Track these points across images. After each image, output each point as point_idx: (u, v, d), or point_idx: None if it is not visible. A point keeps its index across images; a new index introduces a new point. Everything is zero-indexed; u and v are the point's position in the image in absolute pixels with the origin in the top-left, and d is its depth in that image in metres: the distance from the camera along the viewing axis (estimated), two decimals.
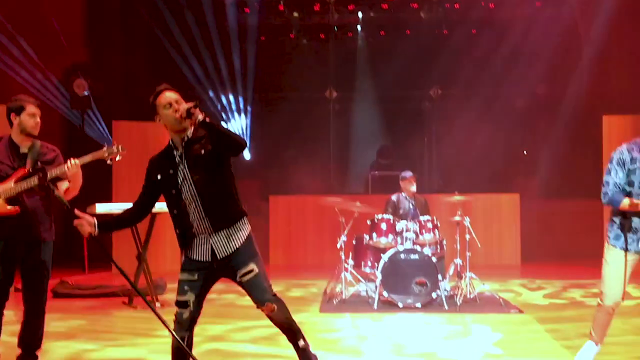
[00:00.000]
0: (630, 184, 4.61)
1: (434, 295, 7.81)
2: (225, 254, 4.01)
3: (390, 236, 8.06)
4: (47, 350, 5.68)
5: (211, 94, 14.56)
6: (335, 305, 7.93)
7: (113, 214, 4.26)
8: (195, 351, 4.23)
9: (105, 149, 4.97)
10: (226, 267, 4.05)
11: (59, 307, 8.11)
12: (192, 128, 4.05)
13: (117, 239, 11.55)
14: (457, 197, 8.30)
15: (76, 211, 4.03)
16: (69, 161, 4.83)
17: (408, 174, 8.75)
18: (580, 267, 11.13)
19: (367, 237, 8.22)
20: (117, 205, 8.42)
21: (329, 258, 9.11)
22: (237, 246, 4.03)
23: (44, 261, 4.94)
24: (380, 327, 6.92)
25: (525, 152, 14.98)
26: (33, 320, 4.96)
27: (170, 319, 7.29)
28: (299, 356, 4.19)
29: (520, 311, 7.56)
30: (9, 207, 4.75)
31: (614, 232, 4.71)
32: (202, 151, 4.01)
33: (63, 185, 4.98)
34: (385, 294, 7.86)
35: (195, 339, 4.23)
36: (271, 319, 4.15)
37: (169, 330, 4.00)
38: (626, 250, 4.61)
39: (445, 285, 8.16)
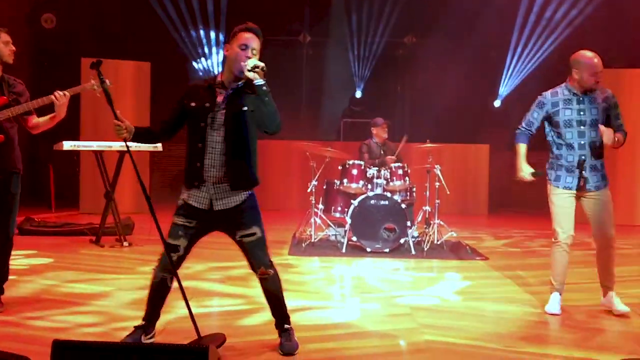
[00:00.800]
0: (556, 124, 5.01)
1: (402, 241, 7.88)
2: (223, 207, 3.89)
3: (361, 182, 8.08)
4: (12, 285, 5.63)
5: (182, 32, 14.24)
6: (304, 248, 7.96)
7: (144, 127, 4.08)
8: None
9: (93, 81, 4.90)
10: (224, 222, 3.93)
11: (25, 243, 8.03)
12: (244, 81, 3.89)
13: (84, 177, 11.45)
14: (428, 145, 8.32)
15: (119, 114, 3.92)
16: (57, 92, 4.88)
17: (380, 120, 8.74)
18: (546, 218, 11.28)
19: (337, 182, 8.23)
20: (84, 143, 8.32)
21: (299, 202, 9.11)
22: (237, 203, 3.89)
23: (14, 193, 4.91)
24: (348, 271, 6.99)
25: None
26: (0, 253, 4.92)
27: (136, 257, 7.34)
28: (280, 337, 4.10)
29: (486, 258, 7.68)
30: None
31: (553, 173, 5.08)
32: (245, 108, 3.86)
33: (34, 119, 5.02)
34: (354, 238, 7.92)
35: None
36: (264, 288, 4.06)
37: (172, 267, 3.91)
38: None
39: (413, 231, 8.24)
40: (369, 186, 8.04)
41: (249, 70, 3.74)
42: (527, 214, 12.82)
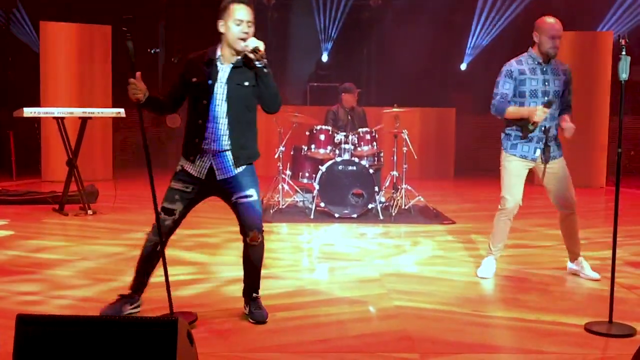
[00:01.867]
0: (522, 94, 4.92)
1: (370, 206, 7.89)
2: (224, 177, 3.91)
3: (329, 147, 8.03)
4: None
5: None
6: (272, 214, 7.92)
7: (155, 95, 3.95)
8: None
9: None
10: (222, 188, 3.94)
11: None
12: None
13: (46, 144, 11.22)
14: (395, 110, 8.28)
15: (138, 75, 3.80)
16: None
17: (351, 87, 8.62)
18: None
19: (305, 148, 8.18)
20: (45, 109, 8.12)
21: (265, 168, 9.03)
22: (237, 172, 3.91)
23: None
24: (316, 238, 6.98)
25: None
26: None
27: (101, 226, 7.24)
28: (248, 305, 4.10)
29: (453, 222, 7.74)
30: None
31: (510, 142, 5.03)
32: (247, 83, 3.87)
33: None
34: (322, 204, 7.89)
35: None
36: (246, 254, 4.02)
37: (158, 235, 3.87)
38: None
39: (381, 196, 8.25)
40: (337, 152, 8.00)
41: (249, 52, 3.77)
42: (493, 177, 12.85)
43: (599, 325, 3.95)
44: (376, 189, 7.84)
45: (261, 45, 3.76)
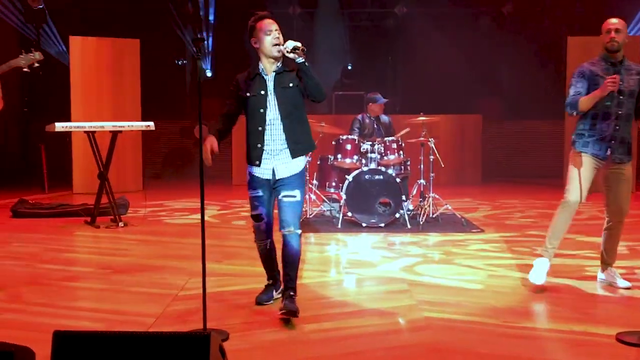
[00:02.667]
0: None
1: (397, 215, 7.89)
2: (284, 176, 4.40)
3: (355, 157, 8.06)
4: (9, 270, 5.63)
5: (172, 9, 14.08)
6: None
7: (216, 127, 4.47)
8: None
9: (22, 56, 4.80)
10: (277, 185, 4.43)
11: (20, 226, 8.03)
12: (282, 59, 4.38)
13: (77, 157, 11.39)
14: (421, 118, 8.28)
15: (210, 142, 4.25)
16: None
17: (381, 98, 8.61)
18: (540, 188, 11.35)
19: (331, 157, 8.21)
20: (76, 124, 8.25)
21: None
22: (295, 172, 4.42)
23: None
24: (344, 247, 7.00)
25: None
26: None
27: (132, 238, 7.34)
28: (284, 301, 4.37)
29: (481, 230, 7.71)
30: None
31: (583, 140, 4.94)
32: (291, 84, 4.35)
33: None
34: (349, 214, 7.92)
35: None
36: (286, 247, 4.41)
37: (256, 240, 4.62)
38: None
39: (408, 205, 8.25)
40: (363, 161, 8.02)
41: (289, 52, 4.20)
42: (520, 183, 12.86)
43: (631, 336, 3.91)
44: (403, 197, 7.84)
45: (298, 44, 4.19)
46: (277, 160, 4.40)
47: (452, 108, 13.17)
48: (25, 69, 4.85)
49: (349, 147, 8.09)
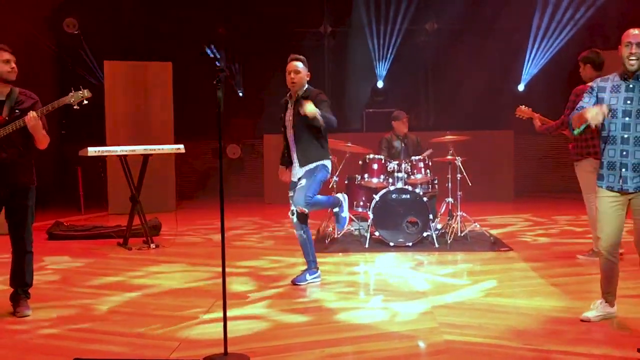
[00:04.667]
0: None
1: (425, 234, 7.88)
2: (298, 177, 5.96)
3: (382, 176, 8.09)
4: (40, 292, 5.77)
5: (202, 31, 14.30)
6: (327, 244, 8.01)
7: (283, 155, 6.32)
8: None
9: (71, 94, 5.04)
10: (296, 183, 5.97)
11: (55, 248, 8.22)
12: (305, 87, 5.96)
13: (112, 178, 11.60)
14: (448, 138, 8.28)
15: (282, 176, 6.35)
16: (30, 113, 4.93)
17: (400, 114, 8.71)
18: (573, 203, 11.20)
19: (358, 177, 8.25)
20: (108, 148, 8.44)
21: None
22: (310, 168, 5.92)
23: (26, 205, 5.14)
24: (371, 267, 7.02)
25: None
26: (18, 259, 5.22)
27: (163, 259, 7.46)
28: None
29: (510, 249, 7.65)
30: None
31: (599, 173, 4.61)
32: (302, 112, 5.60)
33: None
34: (377, 233, 7.94)
35: None
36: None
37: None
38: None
39: (437, 224, 8.24)
40: (390, 180, 8.05)
41: (299, 98, 5.85)
42: (553, 198, 12.72)
43: None
44: (430, 216, 7.83)
45: (310, 113, 5.50)
46: (298, 168, 5.99)
47: (483, 123, 13.11)
48: (75, 107, 5.10)
49: (375, 166, 8.13)
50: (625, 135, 4.41)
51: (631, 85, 4.43)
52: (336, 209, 6.30)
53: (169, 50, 13.07)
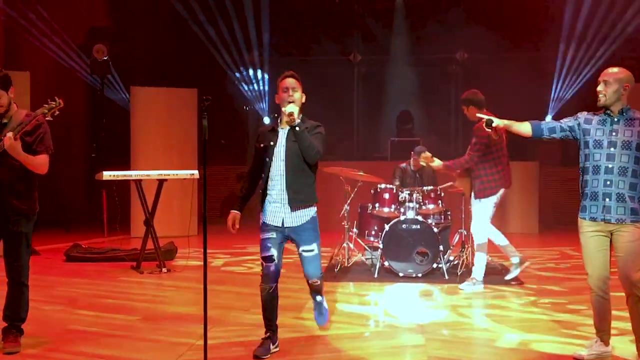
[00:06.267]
0: (586, 144, 4.56)
1: (435, 265, 7.79)
2: (293, 225, 4.76)
3: (393, 206, 8.05)
4: (44, 315, 5.86)
5: (228, 58, 14.50)
6: (336, 273, 7.98)
7: (241, 195, 4.97)
8: None
9: (45, 105, 4.84)
10: (292, 235, 4.82)
11: (69, 270, 8.35)
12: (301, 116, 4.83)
13: (134, 201, 11.74)
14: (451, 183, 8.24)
15: (232, 220, 4.89)
16: (8, 134, 4.65)
17: (420, 149, 8.56)
18: None
19: (370, 206, 8.22)
20: (123, 172, 8.58)
21: (334, 224, 9.08)
22: (303, 222, 4.78)
23: (20, 232, 4.86)
24: (375, 298, 6.95)
25: None
26: (12, 291, 4.94)
27: (172, 284, 7.50)
28: (315, 307, 5.20)
29: (521, 283, 7.50)
30: None
31: (581, 204, 4.62)
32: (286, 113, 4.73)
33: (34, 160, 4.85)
34: (386, 263, 7.88)
35: None
36: (310, 288, 5.02)
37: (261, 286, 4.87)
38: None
39: (449, 255, 8.14)
40: (401, 210, 8.00)
41: (286, 116, 4.71)
42: (576, 231, 12.45)
43: None
44: (441, 247, 7.74)
45: (295, 111, 4.68)
46: (285, 209, 4.73)
47: (510, 154, 12.94)
48: (48, 118, 4.91)
49: (387, 196, 8.10)
50: (610, 165, 4.45)
51: (615, 119, 4.52)
52: (320, 297, 5.15)
53: (195, 77, 13.28)
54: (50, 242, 10.38)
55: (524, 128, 4.93)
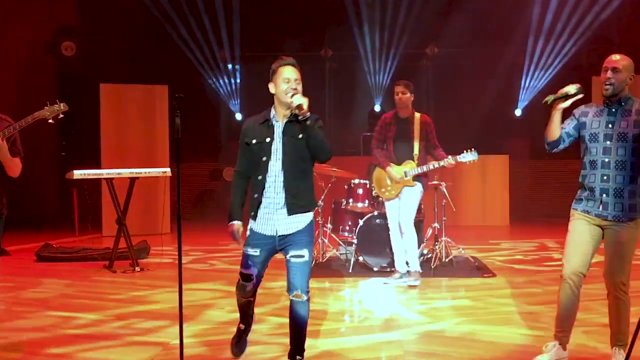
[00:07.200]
0: (583, 139, 4.35)
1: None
2: (287, 232, 4.13)
3: (367, 201, 8.08)
4: (18, 317, 5.79)
5: (199, 54, 14.41)
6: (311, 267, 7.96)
7: (237, 202, 4.29)
8: None
9: (46, 107, 4.79)
10: (284, 243, 4.16)
11: (41, 271, 8.24)
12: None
13: (106, 201, 11.63)
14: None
15: (235, 234, 4.22)
16: None
17: None
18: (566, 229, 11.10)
19: (344, 201, 8.24)
20: (94, 171, 8.48)
21: None
22: (299, 228, 4.14)
23: None
24: (349, 293, 6.98)
25: None
26: None
27: (144, 283, 7.43)
28: None
29: (493, 275, 7.59)
30: None
31: (577, 195, 4.41)
32: (300, 135, 4.13)
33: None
34: (361, 257, 7.91)
35: None
36: (292, 312, 4.17)
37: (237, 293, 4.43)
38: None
39: (423, 249, 8.20)
40: (375, 205, 8.03)
41: (294, 109, 4.07)
42: (549, 223, 12.62)
43: None
44: None
45: (305, 103, 4.02)
46: (278, 215, 4.12)
47: (480, 148, 13.03)
48: (50, 120, 4.84)
49: (360, 191, 8.12)
50: (607, 160, 4.21)
51: (613, 109, 4.26)
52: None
53: (168, 72, 13.18)
54: (20, 242, 10.22)
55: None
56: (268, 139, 4.15)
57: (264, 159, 4.14)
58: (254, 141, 4.18)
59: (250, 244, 4.20)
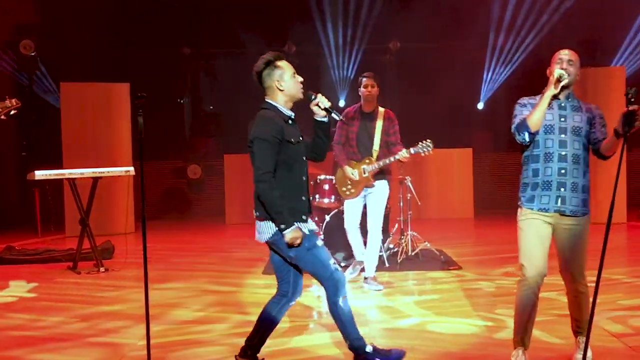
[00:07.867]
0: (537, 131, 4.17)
1: None
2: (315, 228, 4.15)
3: (333, 197, 8.09)
4: None
5: (161, 50, 14.29)
6: None
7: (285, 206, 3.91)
8: None
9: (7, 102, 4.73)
10: None
11: (2, 274, 8.11)
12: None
13: (69, 200, 11.48)
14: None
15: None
16: None
17: None
18: None
19: (311, 197, 8.24)
20: (56, 171, 8.36)
21: None
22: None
23: None
24: (315, 288, 6.97)
25: None
26: None
27: (109, 284, 7.35)
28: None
29: (459, 267, 7.68)
30: None
31: (527, 193, 4.23)
32: (300, 138, 4.07)
33: None
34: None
35: None
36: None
37: None
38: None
39: (389, 243, 8.25)
40: (342, 200, 8.04)
41: (321, 109, 4.08)
42: (513, 216, 12.78)
43: None
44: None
45: (329, 104, 4.08)
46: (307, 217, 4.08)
47: (443, 141, 13.14)
48: (2, 117, 4.78)
49: (326, 187, 8.13)
50: (563, 153, 4.10)
51: (562, 104, 4.19)
52: None
53: (131, 69, 13.04)
54: None
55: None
56: (301, 138, 4.05)
57: (304, 158, 4.05)
58: (292, 140, 3.95)
59: (316, 242, 4.09)
